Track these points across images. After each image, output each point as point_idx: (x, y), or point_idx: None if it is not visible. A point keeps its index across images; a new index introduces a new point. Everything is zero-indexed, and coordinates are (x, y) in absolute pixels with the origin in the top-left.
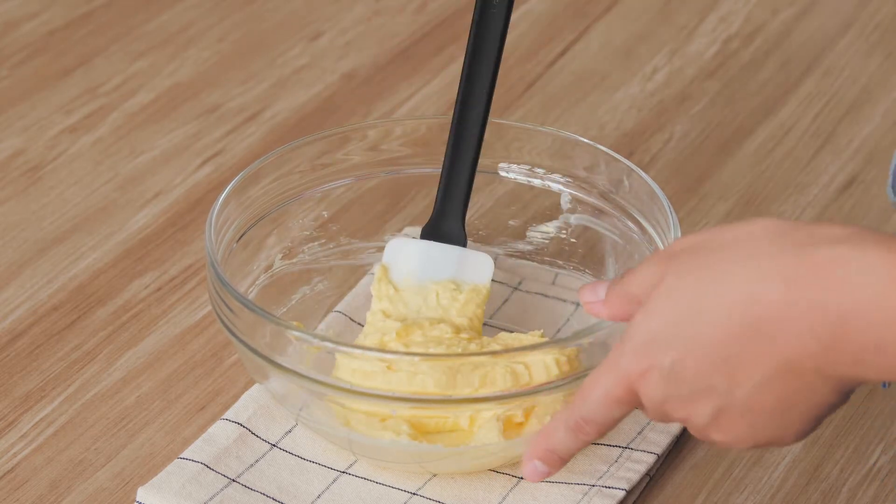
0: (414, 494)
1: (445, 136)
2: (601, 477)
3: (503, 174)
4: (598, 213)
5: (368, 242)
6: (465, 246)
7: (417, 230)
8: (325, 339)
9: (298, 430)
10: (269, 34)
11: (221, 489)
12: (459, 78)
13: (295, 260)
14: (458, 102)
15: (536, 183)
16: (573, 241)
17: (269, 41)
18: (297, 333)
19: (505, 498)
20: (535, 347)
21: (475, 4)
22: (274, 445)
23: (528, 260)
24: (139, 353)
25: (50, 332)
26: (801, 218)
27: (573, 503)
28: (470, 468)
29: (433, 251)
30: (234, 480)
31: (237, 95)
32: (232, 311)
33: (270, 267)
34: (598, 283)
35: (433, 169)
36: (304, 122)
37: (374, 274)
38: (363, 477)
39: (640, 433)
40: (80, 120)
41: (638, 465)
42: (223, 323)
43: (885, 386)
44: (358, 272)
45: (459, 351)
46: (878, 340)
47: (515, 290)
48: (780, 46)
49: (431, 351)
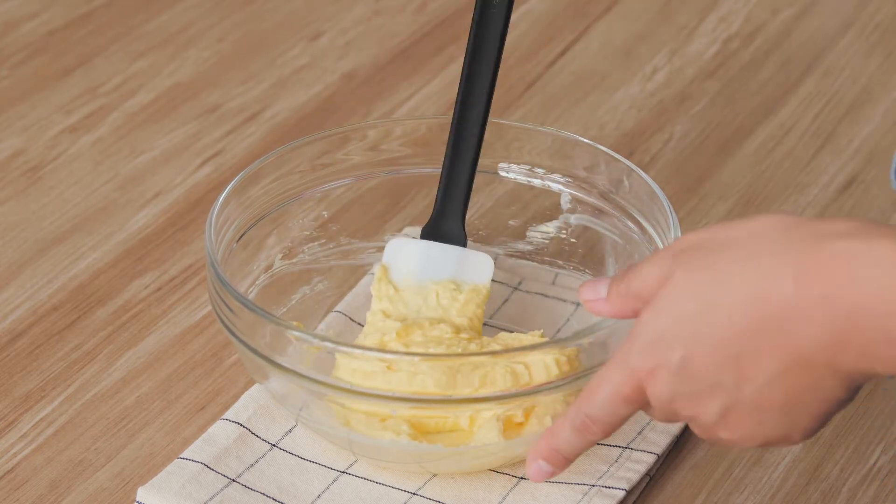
0: (414, 494)
1: (445, 136)
2: (601, 477)
3: (503, 174)
4: (598, 213)
5: (368, 242)
6: (465, 246)
7: (417, 230)
8: (325, 339)
9: (298, 430)
10: (269, 34)
11: (221, 489)
12: (459, 78)
13: (295, 260)
14: (458, 102)
15: (536, 183)
16: (573, 241)
17: (269, 41)
18: (297, 333)
19: (505, 498)
20: (535, 347)
21: (475, 4)
22: (274, 445)
23: (528, 260)
24: (139, 353)
25: (50, 332)
26: None
27: (573, 503)
28: (470, 468)
29: (433, 251)
30: (234, 480)
31: (237, 95)
32: (232, 311)
33: (270, 267)
34: (598, 280)
35: (433, 169)
36: (304, 122)
37: (374, 274)
38: (363, 477)
39: (640, 433)
40: (80, 120)
41: (638, 465)
42: (223, 323)
43: (890, 378)
44: (358, 272)
45: (459, 351)
46: (887, 333)
47: (515, 290)
48: (780, 46)
49: (431, 351)
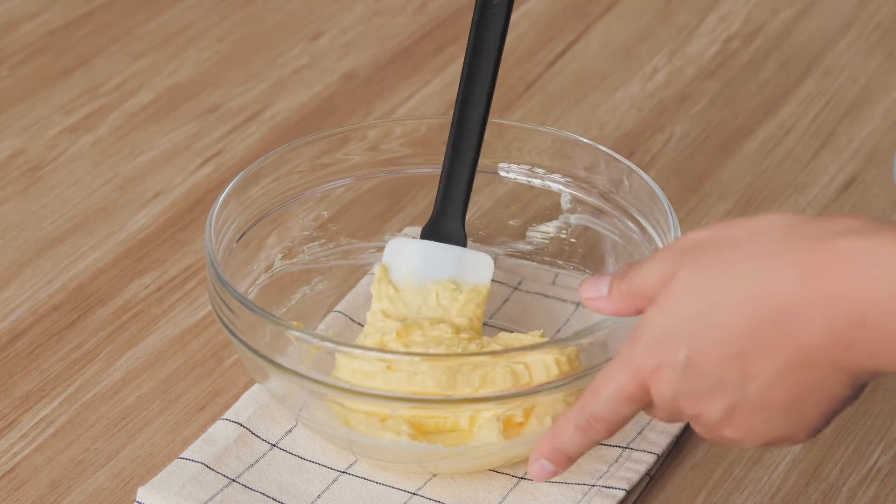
0: (414, 494)
1: (445, 136)
2: (601, 477)
3: (503, 174)
4: (598, 213)
5: (368, 242)
6: (465, 246)
7: (417, 230)
8: (325, 339)
9: (298, 430)
10: (269, 34)
11: (221, 489)
12: (459, 78)
13: (295, 260)
14: (458, 102)
15: (536, 183)
16: (573, 241)
17: (269, 41)
18: (297, 333)
19: (505, 498)
20: (535, 347)
21: (475, 4)
22: (274, 445)
23: (528, 260)
24: (139, 353)
25: (50, 332)
26: None
27: (573, 503)
28: (470, 468)
29: (433, 251)
30: (234, 480)
31: (237, 95)
32: (232, 311)
33: (270, 267)
34: (598, 278)
35: (433, 169)
36: (304, 122)
37: (374, 274)
38: (363, 477)
39: (640, 433)
40: (80, 120)
41: (638, 465)
42: (223, 323)
43: None
44: (358, 272)
45: (459, 351)
46: (892, 331)
47: (515, 290)
48: (780, 46)
49: (431, 351)
